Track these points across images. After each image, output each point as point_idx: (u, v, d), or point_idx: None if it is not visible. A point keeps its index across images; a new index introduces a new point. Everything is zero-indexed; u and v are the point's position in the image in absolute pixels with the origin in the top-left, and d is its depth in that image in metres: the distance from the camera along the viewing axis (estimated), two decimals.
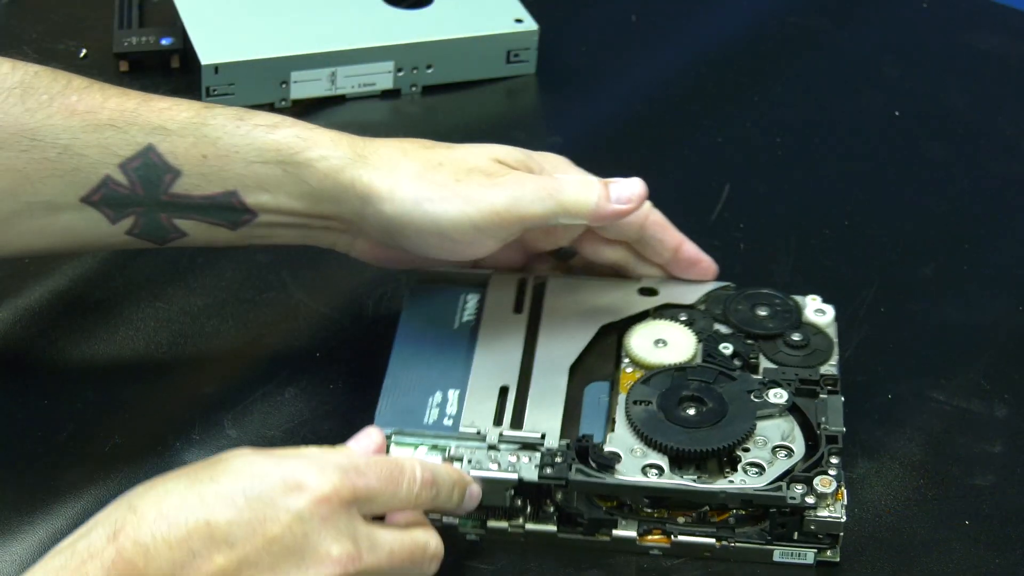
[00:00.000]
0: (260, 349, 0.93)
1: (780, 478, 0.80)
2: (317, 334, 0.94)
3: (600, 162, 1.08)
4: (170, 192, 0.84)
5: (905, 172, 1.09)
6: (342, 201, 0.84)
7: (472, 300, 0.90)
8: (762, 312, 0.89)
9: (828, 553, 0.81)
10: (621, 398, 0.84)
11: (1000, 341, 0.95)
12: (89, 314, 0.95)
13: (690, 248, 0.90)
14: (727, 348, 0.87)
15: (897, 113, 1.14)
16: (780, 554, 0.81)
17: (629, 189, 0.86)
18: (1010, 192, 1.07)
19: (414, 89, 1.13)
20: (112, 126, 0.83)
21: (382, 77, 1.12)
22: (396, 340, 0.88)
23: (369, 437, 0.79)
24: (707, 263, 0.91)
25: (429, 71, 1.13)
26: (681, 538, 0.81)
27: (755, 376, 0.86)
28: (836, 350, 0.87)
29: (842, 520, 0.80)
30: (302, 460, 0.73)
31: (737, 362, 0.86)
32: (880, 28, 1.22)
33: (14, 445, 0.86)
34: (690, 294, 0.90)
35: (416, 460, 0.76)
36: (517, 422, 0.83)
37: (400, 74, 1.12)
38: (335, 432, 0.87)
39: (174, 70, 1.14)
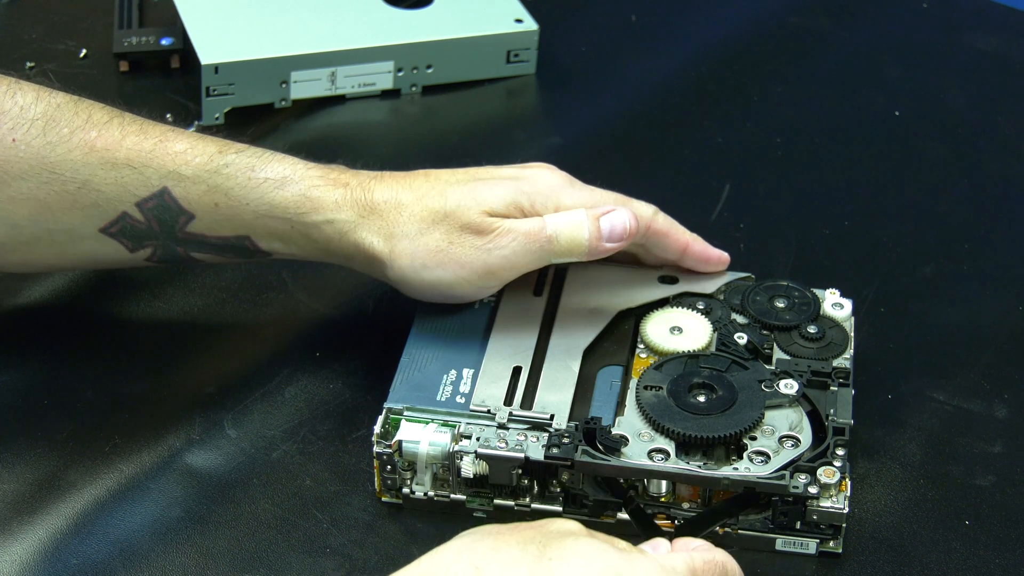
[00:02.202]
0: (260, 349, 0.93)
1: (785, 467, 0.80)
2: (317, 334, 0.94)
3: (600, 162, 1.08)
4: (185, 231, 0.86)
5: (905, 172, 1.09)
6: (351, 258, 0.87)
7: None
8: (780, 304, 0.89)
9: (831, 544, 0.82)
10: (633, 383, 0.85)
11: (1000, 341, 0.95)
12: (89, 314, 0.95)
13: (697, 248, 0.91)
14: (742, 337, 0.87)
15: (897, 113, 1.14)
16: (783, 543, 0.82)
17: (621, 224, 0.86)
18: (1010, 192, 1.07)
19: (414, 89, 1.13)
20: (129, 165, 0.85)
21: (382, 77, 1.12)
22: (416, 319, 0.89)
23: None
24: (716, 259, 0.91)
25: (429, 71, 1.13)
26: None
27: (768, 366, 0.86)
28: (851, 344, 0.87)
29: (844, 511, 0.80)
30: (649, 565, 0.72)
31: (750, 352, 0.87)
32: (880, 28, 1.22)
33: (14, 445, 0.86)
34: (710, 284, 0.91)
35: (729, 556, 0.76)
36: (528, 402, 0.84)
37: (400, 74, 1.12)
38: (335, 432, 0.87)
39: (174, 70, 1.14)
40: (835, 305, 0.90)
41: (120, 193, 0.85)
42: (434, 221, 0.85)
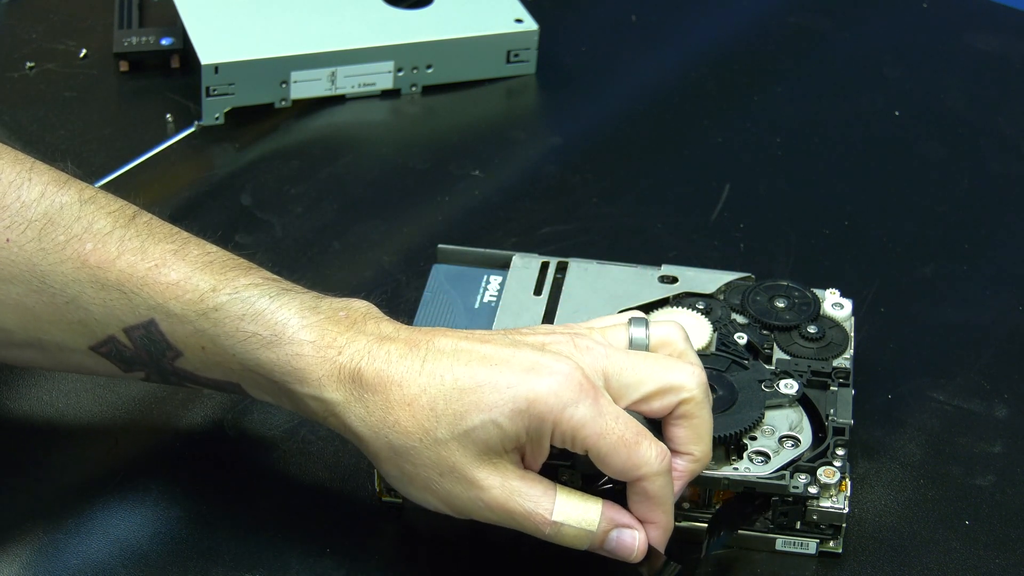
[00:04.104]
0: None
1: (785, 467, 0.80)
2: None
3: (600, 162, 1.08)
4: (174, 366, 0.80)
5: (905, 172, 1.09)
6: (341, 432, 0.78)
7: (495, 281, 0.91)
8: (780, 304, 0.89)
9: (831, 544, 0.82)
10: None
11: (1000, 341, 0.95)
12: None
13: (653, 534, 0.77)
14: (741, 338, 0.87)
15: (897, 113, 1.14)
16: (783, 543, 0.82)
17: (627, 546, 0.76)
18: (1010, 192, 1.07)
19: (414, 89, 1.13)
20: (119, 289, 0.78)
21: (382, 77, 1.12)
22: (416, 318, 0.89)
23: None
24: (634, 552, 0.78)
25: (429, 71, 1.13)
26: (684, 523, 0.81)
27: (768, 366, 0.86)
28: (851, 344, 0.87)
29: (844, 511, 0.80)
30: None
31: (750, 352, 0.87)
32: (880, 28, 1.22)
33: (14, 445, 0.86)
34: (710, 283, 0.90)
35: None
36: None
37: (400, 74, 1.12)
38: (335, 432, 0.87)
39: (174, 70, 1.14)
40: (835, 305, 0.90)
41: (107, 317, 0.78)
42: (422, 441, 0.75)
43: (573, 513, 0.76)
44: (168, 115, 1.10)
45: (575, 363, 0.75)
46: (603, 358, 0.76)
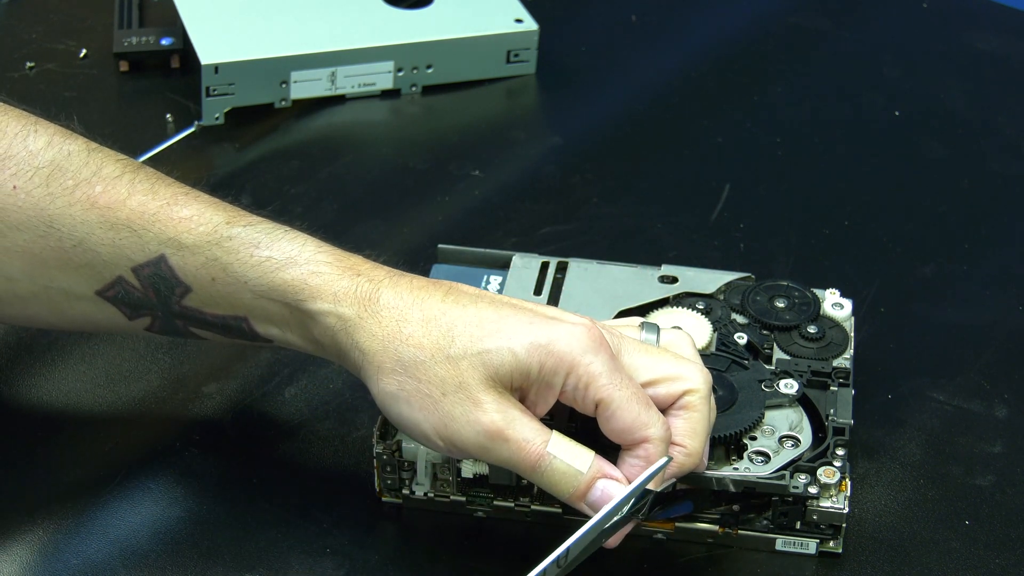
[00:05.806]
0: (260, 349, 0.93)
1: (785, 467, 0.80)
2: None
3: (600, 162, 1.09)
4: (182, 304, 0.80)
5: (905, 172, 1.09)
6: (343, 358, 0.79)
7: (495, 281, 0.91)
8: (780, 304, 0.89)
9: (831, 544, 0.82)
10: None
11: (1000, 341, 0.95)
12: None
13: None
14: (741, 338, 0.87)
15: (897, 113, 1.14)
16: (783, 543, 0.82)
17: (609, 499, 0.76)
18: (1010, 192, 1.07)
19: (414, 89, 1.13)
20: (129, 227, 0.79)
21: (382, 77, 1.12)
22: None
23: None
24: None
25: (429, 71, 1.13)
26: (684, 524, 0.81)
27: (768, 366, 0.86)
28: (851, 344, 0.87)
29: (844, 511, 0.80)
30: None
31: (750, 352, 0.87)
32: (880, 28, 1.22)
33: (14, 445, 0.86)
34: (710, 283, 0.91)
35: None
36: None
37: (400, 74, 1.12)
38: (335, 432, 0.88)
39: (174, 70, 1.14)
40: (835, 305, 0.90)
41: (116, 256, 0.79)
42: (432, 358, 0.75)
43: (567, 450, 0.76)
44: (168, 115, 1.10)
45: (594, 323, 0.77)
46: (618, 338, 0.78)
